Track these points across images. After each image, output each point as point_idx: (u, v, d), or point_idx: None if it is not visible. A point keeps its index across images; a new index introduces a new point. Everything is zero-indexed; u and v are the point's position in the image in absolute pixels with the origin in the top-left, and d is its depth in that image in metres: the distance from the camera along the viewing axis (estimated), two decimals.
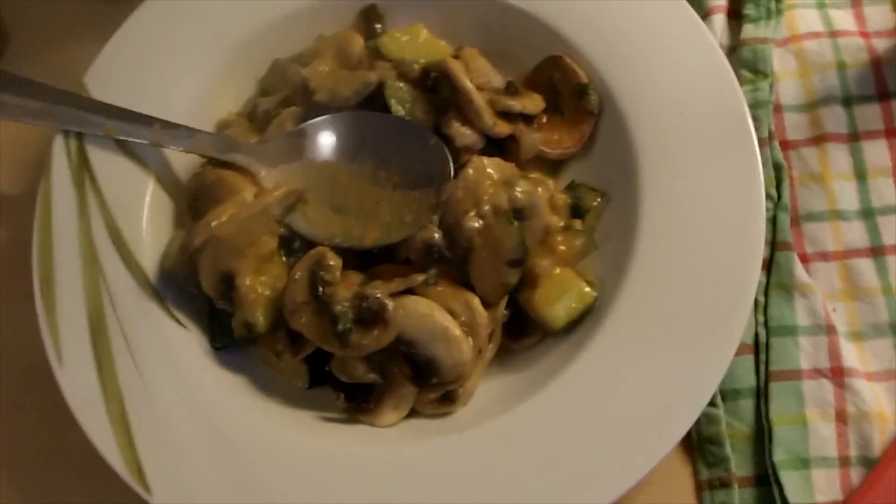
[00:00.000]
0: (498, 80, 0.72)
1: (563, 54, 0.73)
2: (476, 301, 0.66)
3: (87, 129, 0.72)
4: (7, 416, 0.74)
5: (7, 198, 0.82)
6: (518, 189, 0.66)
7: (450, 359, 0.64)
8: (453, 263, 0.67)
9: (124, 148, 0.73)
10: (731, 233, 0.66)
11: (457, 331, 0.64)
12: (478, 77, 0.71)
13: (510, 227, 0.65)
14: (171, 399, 0.66)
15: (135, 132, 0.72)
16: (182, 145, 0.72)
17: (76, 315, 0.68)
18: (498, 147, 0.71)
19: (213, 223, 0.67)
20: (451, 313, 0.65)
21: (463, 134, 0.69)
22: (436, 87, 0.70)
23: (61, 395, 0.66)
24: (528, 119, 0.72)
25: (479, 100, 0.69)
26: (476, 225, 0.65)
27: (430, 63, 0.70)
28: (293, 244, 0.69)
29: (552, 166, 0.74)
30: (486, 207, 0.66)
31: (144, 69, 0.76)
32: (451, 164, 0.68)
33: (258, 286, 0.67)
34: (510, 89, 0.72)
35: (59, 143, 0.73)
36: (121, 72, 0.76)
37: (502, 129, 0.70)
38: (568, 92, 0.72)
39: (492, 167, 0.67)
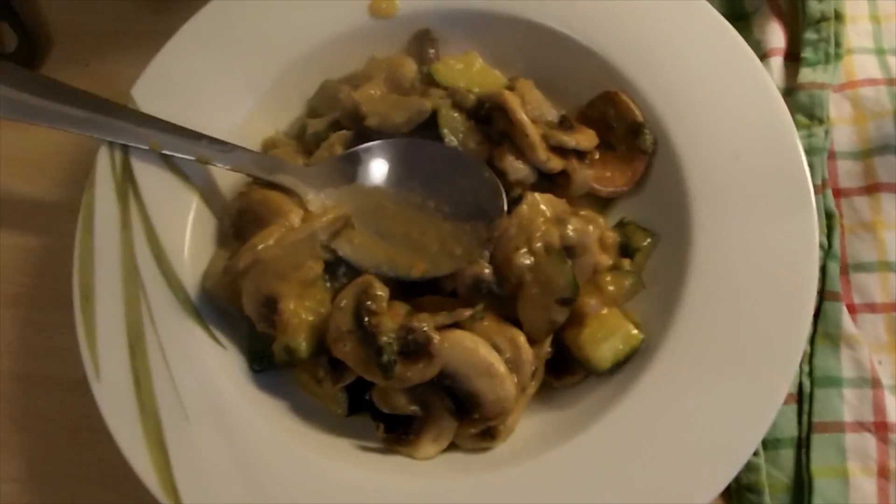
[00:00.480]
0: (552, 114, 0.72)
1: (619, 90, 0.73)
2: (522, 338, 0.65)
3: (133, 141, 0.72)
4: (39, 426, 0.74)
5: (46, 205, 0.82)
6: (570, 227, 0.66)
7: (493, 394, 0.63)
8: (499, 299, 0.66)
9: (169, 163, 0.72)
10: (783, 282, 0.65)
11: (501, 367, 0.64)
12: (532, 109, 0.70)
13: (563, 265, 0.65)
14: (207, 420, 0.65)
15: (181, 147, 0.71)
16: (229, 163, 0.71)
17: (115, 329, 0.68)
18: (549, 181, 0.70)
19: (260, 247, 0.66)
20: (496, 349, 0.64)
21: (516, 168, 0.68)
22: (489, 118, 0.69)
23: (92, 408, 0.65)
24: (580, 155, 0.71)
25: (535, 134, 0.68)
26: (527, 262, 0.65)
27: (486, 94, 0.70)
28: (338, 270, 0.68)
29: (602, 203, 0.74)
30: (539, 245, 0.65)
31: (192, 84, 0.75)
32: (505, 200, 0.67)
33: (301, 311, 0.66)
34: (564, 124, 0.71)
35: (103, 155, 0.72)
36: (168, 86, 0.75)
37: (555, 164, 0.69)
38: (622, 129, 0.72)
39: (544, 203, 0.66)
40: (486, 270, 0.65)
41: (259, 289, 0.66)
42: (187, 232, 0.71)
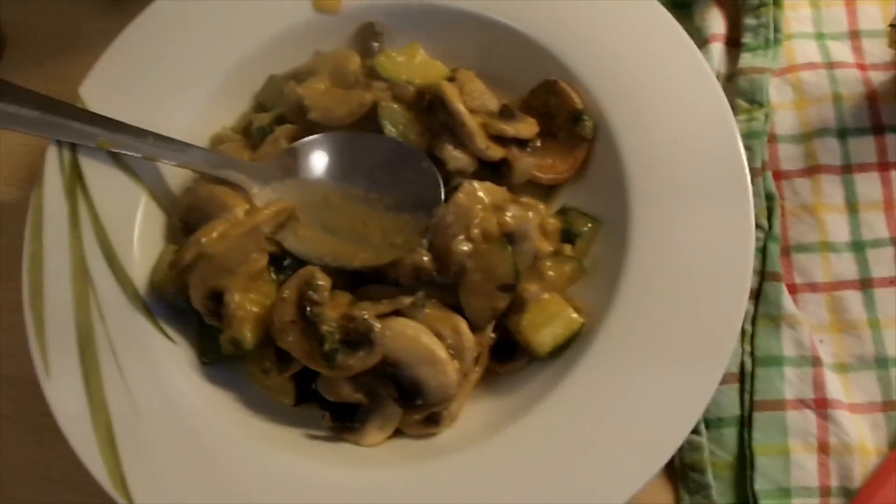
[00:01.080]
0: (493, 104, 0.72)
1: (559, 79, 0.73)
2: (463, 325, 0.66)
3: (81, 140, 0.73)
4: None
5: (3, 207, 0.82)
6: (509, 214, 0.67)
7: (435, 381, 0.64)
8: (442, 287, 0.67)
9: (118, 160, 0.73)
10: (720, 263, 0.66)
11: (443, 354, 0.64)
12: (472, 100, 0.71)
13: (504, 252, 0.65)
14: (157, 413, 0.66)
15: (128, 145, 0.72)
16: (175, 160, 0.72)
17: (65, 327, 0.68)
18: (491, 170, 0.71)
19: (204, 240, 0.67)
20: (438, 336, 0.65)
21: (455, 157, 0.69)
22: (430, 109, 0.70)
23: (46, 406, 0.66)
24: (521, 143, 0.72)
25: (472, 123, 0.69)
26: (465, 249, 0.66)
27: (425, 85, 0.71)
28: (283, 262, 0.69)
29: (544, 191, 0.74)
30: (476, 231, 0.66)
31: (140, 81, 0.76)
32: (442, 189, 0.68)
33: (247, 303, 0.67)
34: (504, 113, 0.72)
35: (52, 154, 0.73)
36: (116, 84, 0.76)
37: (495, 152, 0.70)
38: (563, 117, 0.73)
39: (483, 191, 0.67)
40: (425, 258, 0.66)
41: (205, 282, 0.67)
42: (136, 229, 0.72)
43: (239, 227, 0.68)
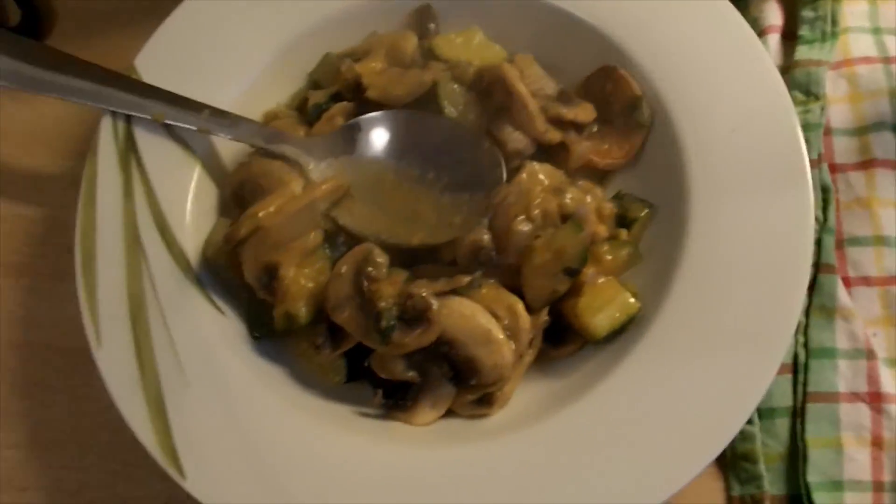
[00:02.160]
0: (551, 88, 0.72)
1: (617, 66, 0.73)
2: (520, 306, 0.66)
3: (136, 111, 0.72)
4: (41, 395, 0.74)
5: (49, 177, 0.83)
6: (568, 196, 0.66)
7: (490, 361, 0.64)
8: (498, 267, 0.67)
9: (172, 133, 0.73)
10: (779, 253, 0.65)
11: (499, 334, 0.64)
12: (531, 83, 0.71)
13: (578, 235, 0.65)
14: (207, 386, 0.66)
15: (183, 118, 0.72)
16: (230, 134, 0.72)
17: (116, 297, 0.68)
18: (547, 154, 0.71)
19: (260, 214, 0.67)
20: (494, 316, 0.65)
21: (514, 139, 0.69)
22: (489, 91, 0.70)
23: (94, 377, 0.66)
24: (578, 128, 0.71)
25: (533, 105, 0.69)
26: (526, 229, 0.65)
27: (485, 66, 0.70)
28: (337, 239, 0.69)
29: (599, 177, 0.74)
30: (537, 212, 0.65)
31: (195, 55, 0.76)
32: (504, 169, 0.68)
33: (301, 278, 0.67)
34: (562, 97, 0.71)
35: (106, 125, 0.73)
36: (172, 57, 0.76)
37: (553, 136, 0.70)
38: (620, 104, 0.72)
39: (543, 173, 0.67)
40: (486, 237, 0.66)
41: (259, 256, 0.67)
42: (189, 201, 0.72)
43: (295, 202, 0.67)
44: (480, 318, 0.64)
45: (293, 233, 0.67)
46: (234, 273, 0.69)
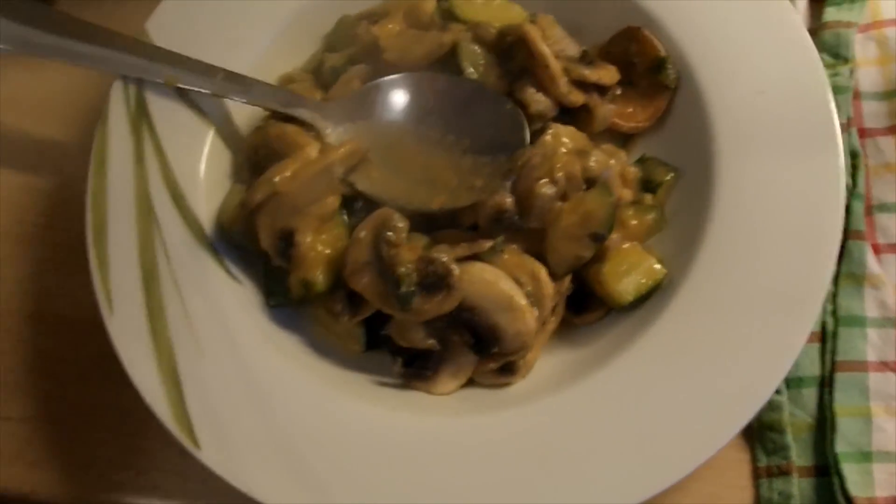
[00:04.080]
0: (573, 49, 0.70)
1: (641, 26, 0.71)
2: (543, 272, 0.64)
3: (148, 76, 0.71)
4: (51, 366, 0.73)
5: (58, 145, 0.81)
6: (592, 159, 0.65)
7: (513, 328, 0.63)
8: (520, 232, 0.65)
9: (184, 97, 0.71)
10: (808, 219, 0.64)
11: (522, 300, 0.63)
12: (553, 45, 0.69)
13: (607, 199, 0.64)
14: (222, 355, 0.64)
15: (196, 82, 0.70)
16: (245, 97, 0.70)
17: (128, 264, 0.67)
18: (569, 117, 0.69)
19: (276, 178, 0.65)
20: (517, 282, 0.63)
21: (537, 100, 0.67)
22: (511, 52, 0.68)
23: (106, 348, 0.64)
24: (601, 90, 0.70)
25: (556, 66, 0.67)
26: (549, 192, 0.64)
27: (507, 27, 0.68)
28: (355, 205, 0.67)
29: (623, 140, 0.73)
30: (560, 175, 0.64)
31: (208, 18, 0.74)
32: (528, 131, 0.66)
33: (318, 244, 0.65)
34: (585, 59, 0.70)
35: (117, 89, 0.71)
36: (184, 20, 0.74)
37: (576, 98, 0.68)
38: (644, 65, 0.71)
39: (567, 135, 0.65)
40: (508, 200, 0.64)
41: (275, 222, 0.65)
42: (202, 167, 0.70)
43: (311, 166, 0.66)
44: (503, 284, 0.63)
45: (310, 198, 0.65)
46: (249, 240, 0.68)
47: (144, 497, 0.69)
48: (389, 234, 0.63)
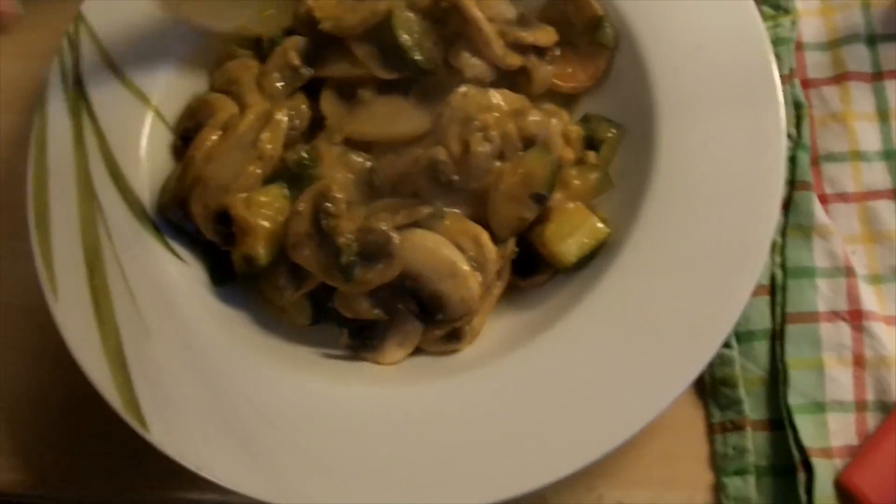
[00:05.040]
0: (510, 12, 0.70)
1: None
2: (485, 236, 0.64)
3: None
4: (2, 355, 0.72)
5: (4, 134, 0.80)
6: (530, 119, 0.64)
7: (457, 295, 0.62)
8: (462, 194, 0.64)
9: (123, 78, 0.71)
10: (751, 171, 0.63)
11: (464, 266, 0.62)
12: (488, 9, 0.68)
13: (546, 158, 0.63)
14: (168, 335, 0.64)
15: None
16: None
17: (72, 249, 0.66)
18: (509, 81, 0.68)
19: (196, 155, 0.66)
20: (459, 248, 0.63)
21: (472, 65, 0.66)
22: (445, 18, 0.68)
23: (56, 334, 0.64)
24: (540, 52, 0.69)
25: (489, 29, 0.66)
26: (485, 150, 0.63)
27: None
28: (295, 178, 0.67)
29: (566, 102, 0.72)
30: (494, 133, 0.63)
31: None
32: None
33: (258, 218, 0.65)
34: (522, 21, 0.69)
35: (55, 73, 0.71)
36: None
37: (513, 60, 0.67)
38: (582, 25, 0.70)
39: (499, 98, 0.65)
40: (442, 152, 0.63)
41: (207, 205, 0.65)
42: (143, 147, 0.70)
43: (225, 139, 0.66)
44: (444, 251, 0.62)
45: (232, 172, 0.65)
46: (187, 222, 0.68)
47: (98, 481, 0.69)
48: (328, 205, 0.62)
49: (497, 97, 0.65)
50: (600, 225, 0.65)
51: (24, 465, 0.69)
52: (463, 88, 0.65)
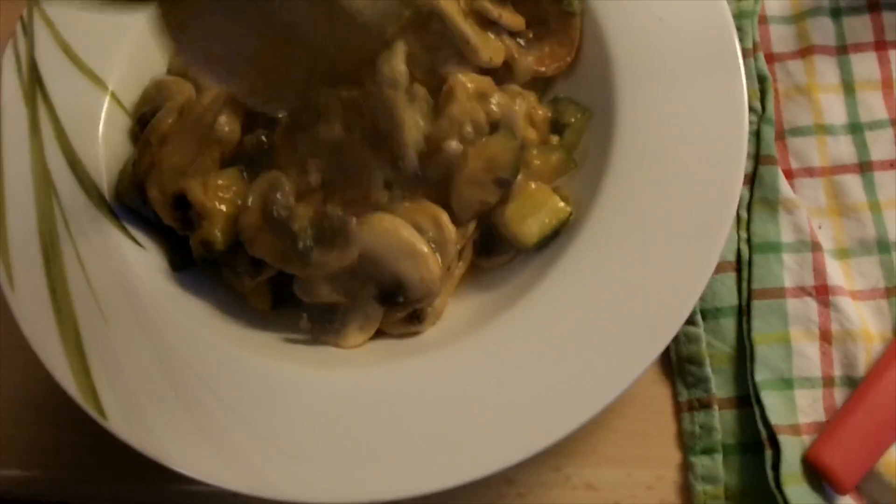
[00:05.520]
0: None
1: None
2: (444, 217, 0.63)
3: None
4: None
5: None
6: (493, 102, 0.63)
7: (416, 275, 0.61)
8: (424, 182, 0.64)
9: (79, 63, 0.70)
10: (712, 146, 0.63)
11: (423, 247, 0.61)
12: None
13: (512, 142, 0.63)
14: (127, 322, 0.63)
15: None
16: None
17: (28, 237, 0.65)
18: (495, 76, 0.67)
19: (152, 139, 0.65)
20: (418, 229, 0.62)
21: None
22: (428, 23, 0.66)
23: (17, 326, 0.63)
24: (515, 37, 0.68)
25: (476, 41, 0.65)
26: (457, 149, 0.63)
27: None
28: (254, 161, 0.66)
29: (542, 84, 0.71)
30: (468, 129, 0.63)
31: None
32: None
33: (216, 202, 0.64)
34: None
35: (8, 57, 0.70)
36: None
37: (498, 59, 0.67)
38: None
39: (467, 80, 0.64)
40: (413, 156, 0.63)
41: (165, 189, 0.64)
42: (100, 133, 0.69)
43: (181, 122, 0.65)
44: (403, 232, 0.61)
45: (189, 156, 0.64)
46: (145, 207, 0.67)
47: (63, 472, 0.68)
48: (278, 195, 0.61)
49: (466, 79, 0.64)
50: (562, 204, 0.64)
51: None
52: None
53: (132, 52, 0.71)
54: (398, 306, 0.63)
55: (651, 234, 0.61)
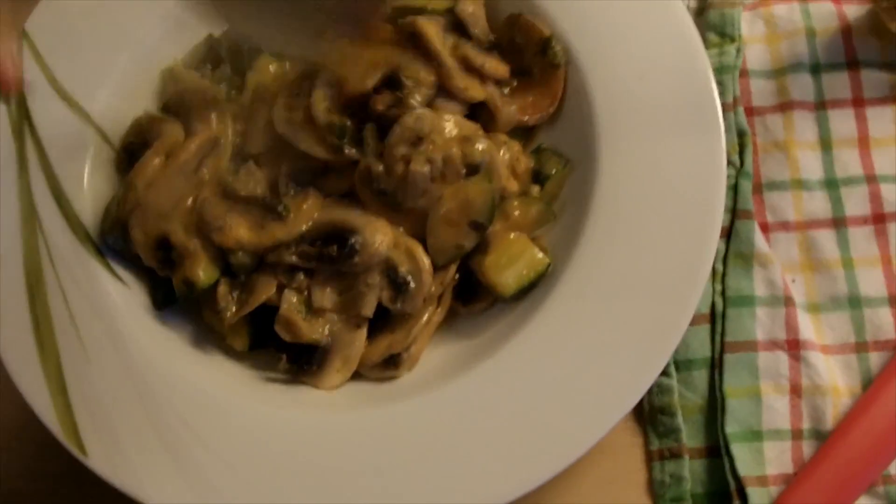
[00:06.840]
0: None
1: (522, 12, 0.70)
2: (419, 249, 0.64)
3: None
4: None
5: None
6: (477, 146, 0.64)
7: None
8: (401, 212, 0.65)
9: (67, 99, 0.70)
10: (690, 200, 0.64)
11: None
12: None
13: (488, 186, 0.64)
14: (109, 359, 0.64)
15: None
16: None
17: (13, 272, 0.66)
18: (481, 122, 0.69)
19: (138, 182, 0.66)
20: (393, 262, 0.64)
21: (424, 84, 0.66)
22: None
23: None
24: (498, 85, 0.69)
25: (451, 64, 0.67)
26: (423, 170, 0.63)
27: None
28: None
29: (526, 132, 0.72)
30: (437, 156, 0.63)
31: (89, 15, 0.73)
32: None
33: (197, 240, 0.65)
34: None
35: None
36: (64, 20, 0.73)
37: (475, 93, 0.67)
38: (532, 50, 0.69)
39: (452, 123, 0.65)
40: (378, 165, 0.64)
41: (148, 231, 0.66)
42: (86, 170, 0.70)
43: (165, 169, 0.66)
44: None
45: (173, 199, 0.66)
46: (128, 247, 0.68)
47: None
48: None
49: (451, 123, 0.65)
50: (540, 255, 0.65)
51: None
52: (419, 110, 0.65)
53: (119, 87, 0.72)
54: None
55: (628, 288, 0.62)
